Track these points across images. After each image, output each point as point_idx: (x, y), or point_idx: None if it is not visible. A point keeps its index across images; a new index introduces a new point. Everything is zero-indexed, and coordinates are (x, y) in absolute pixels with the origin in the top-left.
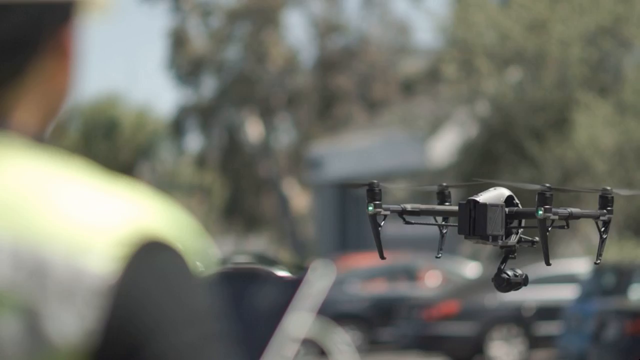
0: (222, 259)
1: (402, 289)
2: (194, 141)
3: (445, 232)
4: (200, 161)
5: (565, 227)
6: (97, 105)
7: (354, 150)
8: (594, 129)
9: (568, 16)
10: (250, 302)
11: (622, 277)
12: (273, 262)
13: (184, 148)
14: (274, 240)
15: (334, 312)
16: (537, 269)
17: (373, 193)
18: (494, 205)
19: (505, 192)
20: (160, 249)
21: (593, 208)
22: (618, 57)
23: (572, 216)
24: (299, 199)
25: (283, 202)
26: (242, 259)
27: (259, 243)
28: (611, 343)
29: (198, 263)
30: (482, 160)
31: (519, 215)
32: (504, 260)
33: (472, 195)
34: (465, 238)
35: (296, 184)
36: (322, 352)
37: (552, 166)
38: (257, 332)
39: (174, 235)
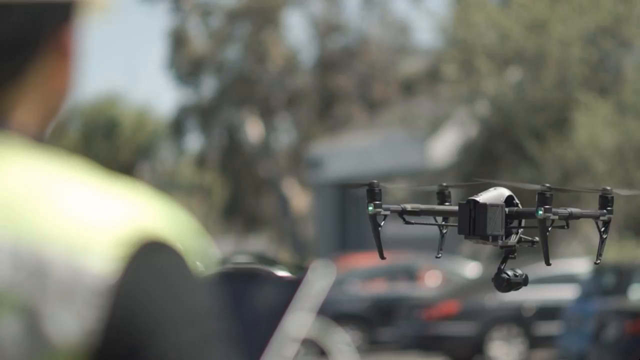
0: (222, 259)
1: (402, 289)
2: (194, 141)
3: (445, 232)
4: (200, 161)
5: (565, 227)
6: (97, 105)
7: (354, 150)
8: (594, 129)
9: (568, 16)
10: (250, 302)
11: (622, 277)
12: (273, 262)
13: (183, 148)
14: (274, 240)
15: (334, 312)
16: (537, 269)
17: (373, 193)
18: (494, 205)
19: (505, 192)
20: (160, 249)
21: (593, 208)
22: (618, 57)
23: (572, 216)
24: (299, 199)
25: (283, 202)
26: (242, 259)
27: (259, 243)
28: (611, 343)
29: (198, 263)
30: (482, 160)
31: (519, 215)
32: (504, 260)
33: (472, 195)
34: (465, 238)
35: (296, 184)
36: (322, 352)
37: (552, 166)
38: (257, 332)
39: (174, 235)
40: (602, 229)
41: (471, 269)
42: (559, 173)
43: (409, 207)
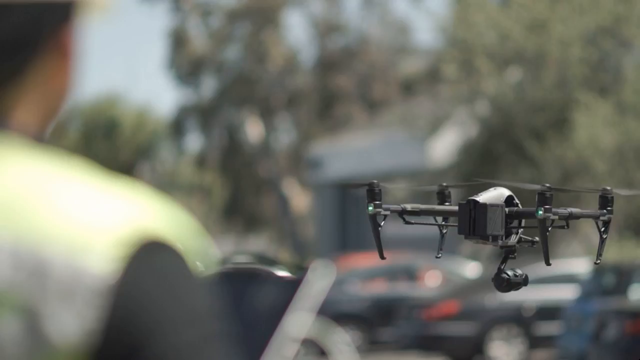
0: (222, 259)
1: (402, 289)
2: (194, 141)
3: (445, 232)
4: (200, 161)
5: (565, 227)
6: (97, 105)
7: (354, 150)
8: (594, 129)
9: (568, 16)
10: (250, 302)
11: (622, 277)
12: (273, 262)
13: (183, 148)
14: (274, 240)
15: (334, 312)
16: (537, 269)
17: (373, 193)
18: (494, 205)
19: (505, 192)
20: (160, 249)
21: (593, 208)
22: (618, 57)
23: (572, 216)
24: (299, 199)
25: (283, 202)
26: (242, 259)
27: (259, 243)
28: (611, 343)
29: (198, 263)
30: (482, 160)
31: (519, 215)
32: (504, 260)
33: (472, 195)
34: (465, 238)
35: (296, 184)
36: (322, 352)
37: (552, 166)
38: (257, 332)
39: (173, 235)
40: (602, 229)
41: (471, 269)
42: (559, 173)
43: (409, 207)
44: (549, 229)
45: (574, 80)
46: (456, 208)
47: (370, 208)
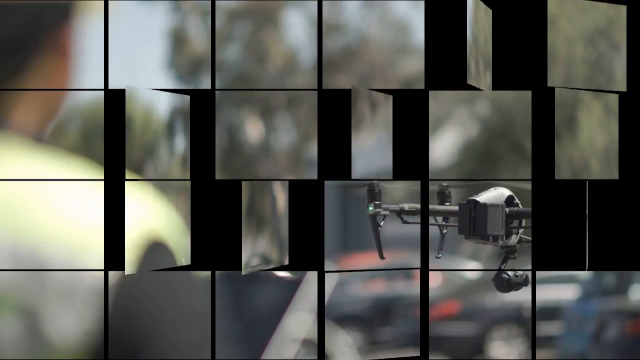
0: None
1: (402, 289)
2: None
3: (446, 232)
4: None
5: None
6: (97, 105)
7: (354, 150)
8: (591, 129)
9: (572, 14)
10: (250, 302)
11: (623, 277)
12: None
13: (174, 149)
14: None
15: (334, 313)
16: None
17: (373, 193)
18: (494, 205)
19: (506, 192)
20: (160, 250)
21: None
22: (611, 59)
23: None
24: (283, 199)
25: (272, 202)
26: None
27: (260, 243)
28: (611, 343)
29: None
30: (482, 160)
31: (519, 215)
32: (504, 261)
33: (472, 195)
34: (466, 238)
35: (281, 184)
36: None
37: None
38: (257, 332)
39: (173, 235)
40: None
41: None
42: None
43: (406, 206)
44: None
45: (576, 79)
46: (456, 208)
47: (371, 208)
